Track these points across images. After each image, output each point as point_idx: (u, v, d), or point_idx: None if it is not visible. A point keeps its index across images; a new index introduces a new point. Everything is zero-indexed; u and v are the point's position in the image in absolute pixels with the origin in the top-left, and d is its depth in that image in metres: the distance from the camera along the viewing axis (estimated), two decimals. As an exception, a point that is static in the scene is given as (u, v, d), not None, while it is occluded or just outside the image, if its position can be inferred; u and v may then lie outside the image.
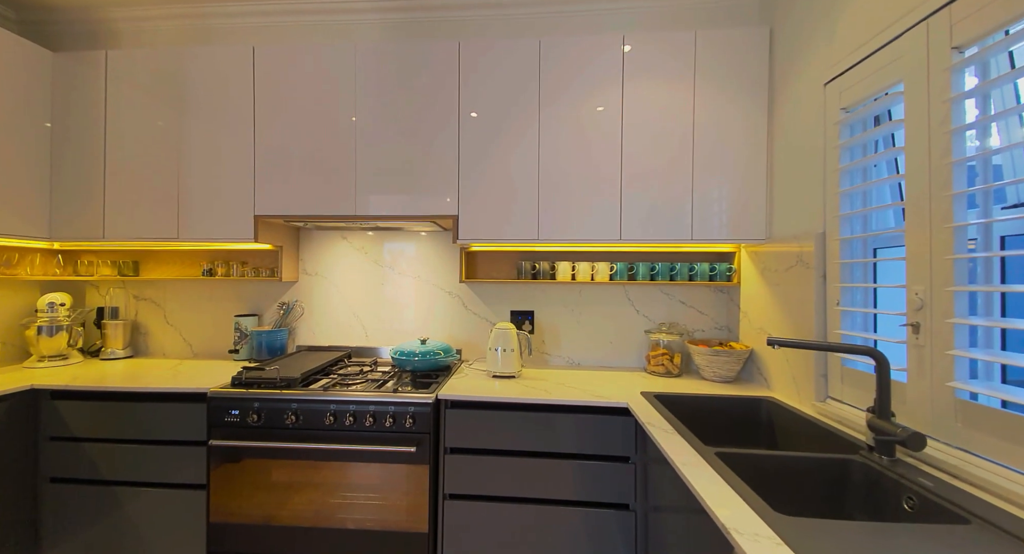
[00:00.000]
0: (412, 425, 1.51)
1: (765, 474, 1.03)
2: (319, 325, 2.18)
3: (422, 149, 1.79)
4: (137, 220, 1.87)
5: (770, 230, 1.70)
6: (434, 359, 1.82)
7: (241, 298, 2.17)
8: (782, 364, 1.58)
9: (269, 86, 1.83)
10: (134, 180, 1.87)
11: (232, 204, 1.83)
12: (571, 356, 2.10)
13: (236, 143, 1.83)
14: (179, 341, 2.19)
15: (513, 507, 1.53)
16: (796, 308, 1.49)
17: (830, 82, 1.36)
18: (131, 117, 1.87)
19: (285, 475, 1.54)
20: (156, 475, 1.62)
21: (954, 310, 0.95)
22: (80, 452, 1.65)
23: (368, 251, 2.17)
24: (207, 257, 2.14)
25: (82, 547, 1.66)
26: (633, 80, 1.74)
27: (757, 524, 0.73)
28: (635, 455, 1.50)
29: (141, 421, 1.62)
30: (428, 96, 1.79)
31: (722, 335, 2.02)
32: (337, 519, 1.53)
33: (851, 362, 1.28)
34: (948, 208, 0.97)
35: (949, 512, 0.80)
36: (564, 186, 1.77)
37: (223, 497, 1.56)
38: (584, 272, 1.97)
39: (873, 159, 1.21)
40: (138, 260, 2.17)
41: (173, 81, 1.86)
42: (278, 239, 2.00)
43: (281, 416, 1.54)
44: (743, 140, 1.70)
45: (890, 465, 0.97)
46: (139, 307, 2.20)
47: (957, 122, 0.96)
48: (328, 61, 1.81)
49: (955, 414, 0.95)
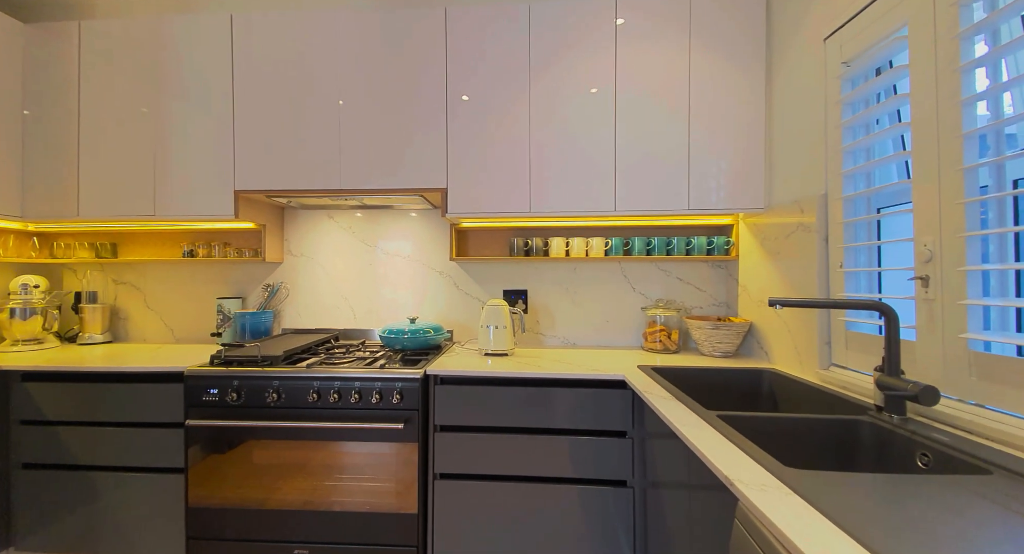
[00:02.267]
0: (400, 401, 1.45)
1: (770, 437, 0.97)
2: (306, 307, 2.11)
3: (409, 120, 1.73)
4: (113, 197, 1.80)
5: (769, 198, 1.65)
6: (424, 337, 1.76)
7: (224, 280, 2.10)
8: (783, 334, 1.52)
9: (248, 56, 1.76)
10: (109, 155, 1.80)
11: (211, 179, 1.76)
12: (566, 336, 2.04)
13: (214, 115, 1.76)
14: (160, 326, 2.11)
15: (506, 486, 1.47)
16: (798, 275, 1.44)
17: (830, 36, 1.31)
18: (106, 89, 1.80)
19: (267, 456, 1.48)
20: (133, 459, 1.55)
21: (966, 258, 0.90)
22: (53, 436, 1.57)
23: (356, 231, 2.11)
24: (188, 238, 2.07)
25: (56, 535, 1.58)
26: (626, 44, 1.68)
27: (763, 475, 0.68)
28: (632, 430, 1.45)
29: (117, 403, 1.55)
30: (414, 65, 1.73)
31: (720, 311, 1.97)
32: (323, 501, 1.47)
33: (855, 325, 1.23)
34: (958, 150, 0.91)
35: (968, 464, 0.75)
36: (556, 156, 1.71)
37: (202, 480, 1.49)
38: (578, 248, 1.92)
39: (876, 111, 1.16)
40: (116, 242, 2.09)
41: (149, 51, 1.78)
42: (261, 218, 1.93)
43: (262, 394, 1.47)
44: (740, 104, 1.65)
45: (901, 423, 0.91)
46: (118, 291, 2.12)
47: (966, 58, 0.91)
48: (310, 28, 1.74)
49: (969, 367, 0.90)
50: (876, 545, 0.49)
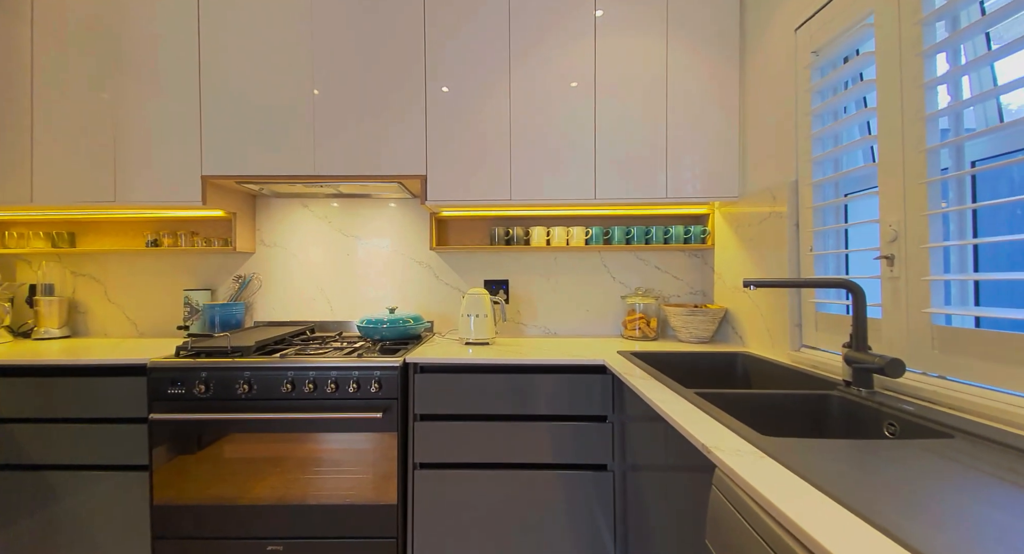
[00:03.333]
0: (378, 390, 1.42)
1: (744, 411, 0.99)
2: (279, 299, 2.04)
3: (388, 105, 1.69)
4: (70, 183, 1.70)
5: (743, 187, 1.68)
6: (404, 327, 1.73)
7: (191, 271, 2.01)
8: (756, 319, 1.56)
9: (217, 36, 1.69)
10: (66, 138, 1.70)
11: (176, 164, 1.69)
12: (547, 325, 2.04)
13: (179, 96, 1.68)
14: (122, 319, 2.01)
15: (487, 474, 1.45)
16: (771, 260, 1.47)
17: (800, 26, 1.34)
18: (61, 69, 1.70)
19: (239, 450, 1.42)
20: (93, 457, 1.47)
21: (929, 235, 0.93)
22: (6, 435, 1.48)
23: (332, 220, 2.05)
24: (152, 227, 1.97)
25: (12, 539, 1.49)
26: (606, 33, 1.69)
27: (739, 442, 0.68)
28: (612, 414, 1.45)
29: (75, 399, 1.47)
30: (393, 52, 1.69)
31: (697, 299, 2.01)
32: (298, 495, 1.42)
33: (824, 306, 1.26)
34: (921, 132, 0.95)
35: (931, 430, 0.78)
36: (537, 145, 1.71)
37: (168, 477, 1.42)
38: (559, 237, 1.92)
39: (843, 98, 1.19)
40: (75, 231, 1.98)
41: (109, 29, 1.69)
42: (231, 205, 1.86)
43: (232, 386, 1.41)
44: (715, 94, 1.68)
45: (869, 396, 0.94)
46: (77, 283, 2.01)
47: (928, 43, 0.94)
48: (284, 8, 1.69)
49: (931, 341, 0.93)
50: (845, 498, 0.50)
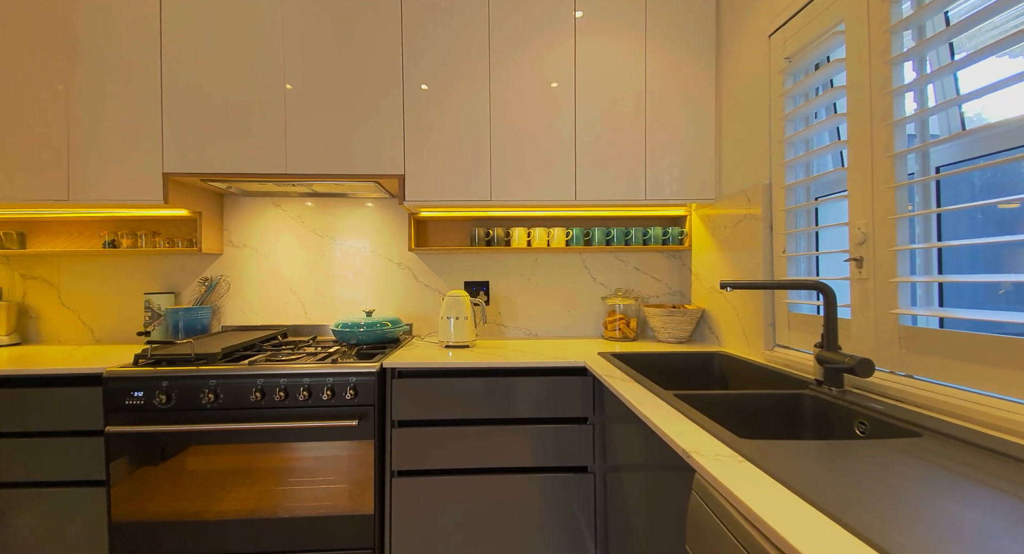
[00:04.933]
0: (354, 397, 1.37)
1: (721, 412, 1.00)
2: (249, 303, 1.96)
3: (364, 101, 1.64)
4: (19, 179, 1.58)
5: (719, 188, 1.71)
6: (381, 331, 1.68)
7: (153, 274, 1.91)
8: (732, 319, 1.58)
9: (179, 22, 1.60)
10: (14, 132, 1.58)
11: (135, 160, 1.59)
12: (528, 327, 2.03)
13: (139, 89, 1.59)
14: (78, 325, 1.89)
15: (467, 479, 1.43)
16: (746, 262, 1.50)
17: (774, 33, 1.37)
18: (10, 60, 1.58)
19: (205, 462, 1.35)
20: (45, 473, 1.37)
21: (896, 238, 0.96)
22: (-59, 454, 1.36)
23: (306, 221, 1.98)
24: (109, 226, 1.86)
25: (-53, 568, 1.38)
26: (585, 38, 1.68)
27: (718, 446, 0.68)
28: (593, 416, 1.45)
29: (25, 411, 1.37)
30: (370, 49, 1.64)
31: (675, 300, 2.03)
32: (270, 507, 1.36)
33: (797, 307, 1.29)
34: (889, 137, 0.98)
35: (900, 429, 0.80)
36: (517, 145, 1.69)
37: (128, 493, 1.34)
38: (540, 238, 1.91)
39: (815, 104, 1.22)
40: (24, 231, 1.85)
41: (62, 18, 1.58)
42: (196, 204, 1.77)
43: (196, 395, 1.34)
44: (693, 97, 1.70)
45: (839, 395, 0.97)
46: (27, 286, 1.88)
47: (896, 51, 0.97)
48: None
49: (899, 341, 0.96)
50: (821, 501, 0.50)
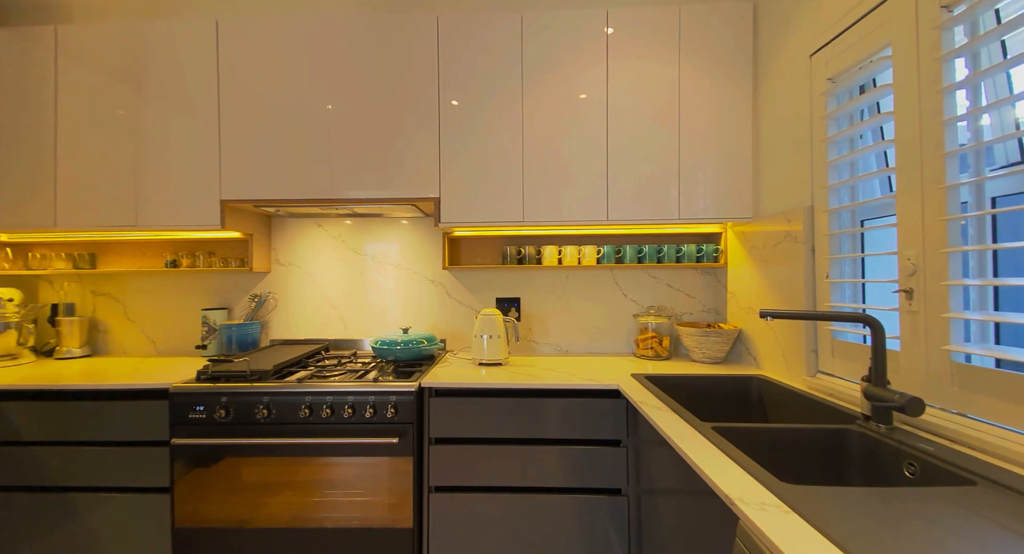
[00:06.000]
0: (394, 415, 1.44)
1: (762, 447, 0.99)
2: (294, 318, 2.07)
3: (402, 129, 1.71)
4: (92, 207, 1.74)
5: (757, 208, 1.68)
6: (417, 348, 1.74)
7: (209, 291, 2.05)
8: (771, 342, 1.56)
9: (235, 62, 1.72)
10: (88, 163, 1.74)
11: (196, 188, 1.72)
12: (559, 343, 2.05)
13: (199, 123, 1.72)
14: (141, 338, 2.05)
15: (502, 497, 1.46)
16: (785, 284, 1.47)
17: (816, 53, 1.34)
18: (84, 97, 1.74)
19: (258, 473, 1.45)
20: (115, 479, 1.50)
21: (948, 272, 0.93)
22: (30, 457, 1.51)
23: (346, 240, 2.08)
24: (170, 248, 2.01)
25: (33, 560, 1.52)
26: (617, 57, 1.70)
27: (762, 493, 0.69)
28: (626, 438, 1.46)
29: (97, 422, 1.50)
30: (405, 73, 1.71)
31: (710, 317, 2.00)
32: (316, 518, 1.44)
33: (841, 334, 1.26)
34: (940, 169, 0.95)
35: (953, 475, 0.78)
36: (549, 166, 1.72)
37: (189, 500, 1.45)
38: (571, 256, 1.93)
39: (860, 128, 1.19)
40: (95, 252, 2.02)
41: (130, 58, 1.73)
42: (248, 227, 1.89)
43: (252, 410, 1.44)
44: (728, 116, 1.68)
45: (888, 433, 0.94)
46: (97, 303, 2.05)
47: (948, 80, 0.94)
48: (299, 34, 1.72)
49: (951, 378, 0.93)
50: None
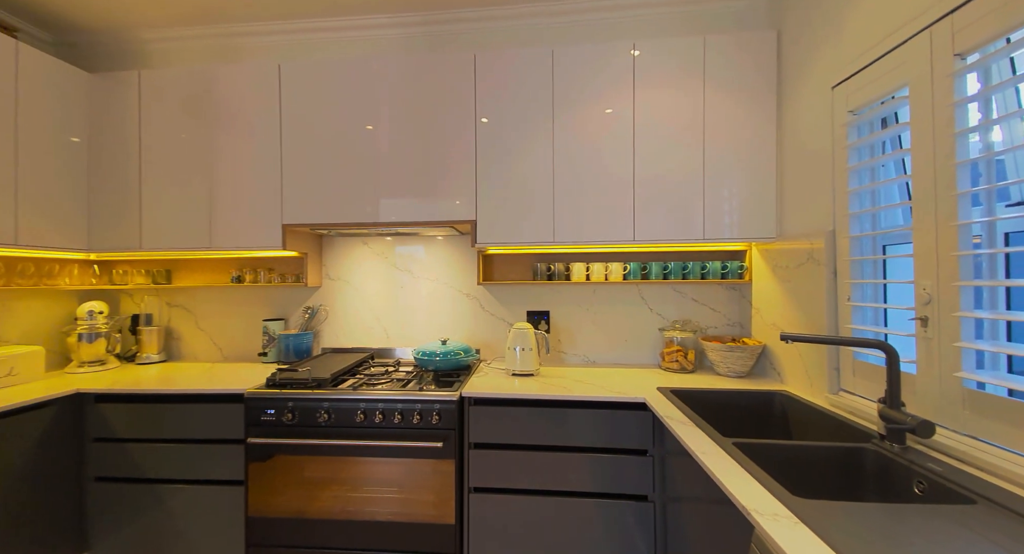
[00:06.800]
0: (438, 422, 1.59)
1: (781, 462, 1.08)
2: (342, 328, 2.26)
3: (441, 158, 1.87)
4: (172, 231, 1.97)
5: (780, 228, 1.75)
6: (455, 359, 1.89)
7: (268, 303, 2.26)
8: (795, 358, 1.62)
9: (294, 101, 1.91)
10: (169, 193, 1.97)
11: (261, 214, 1.92)
12: (587, 354, 2.16)
13: (264, 155, 1.92)
14: (210, 345, 2.28)
15: (535, 499, 1.59)
16: (808, 304, 1.54)
17: (838, 85, 1.41)
18: (164, 133, 1.97)
19: (319, 471, 1.62)
20: (196, 472, 1.71)
21: (960, 304, 1.00)
22: (123, 452, 1.74)
23: (387, 256, 2.25)
24: (236, 265, 2.23)
25: (127, 543, 1.75)
26: (643, 86, 1.79)
27: (775, 505, 0.79)
28: (652, 448, 1.56)
29: (181, 421, 1.71)
30: (445, 107, 1.86)
31: (735, 331, 2.07)
32: (368, 512, 1.61)
33: (862, 355, 1.33)
34: (953, 207, 1.01)
35: (957, 494, 0.85)
36: (578, 190, 1.83)
37: (260, 492, 1.64)
38: (598, 272, 2.03)
39: (881, 160, 1.26)
40: (170, 268, 2.27)
41: (203, 98, 1.95)
42: (303, 246, 2.08)
43: (314, 415, 1.62)
44: (753, 141, 1.75)
45: (901, 452, 1.02)
46: (171, 313, 2.30)
47: (960, 126, 1.00)
48: (350, 75, 1.89)
49: (963, 403, 1.00)
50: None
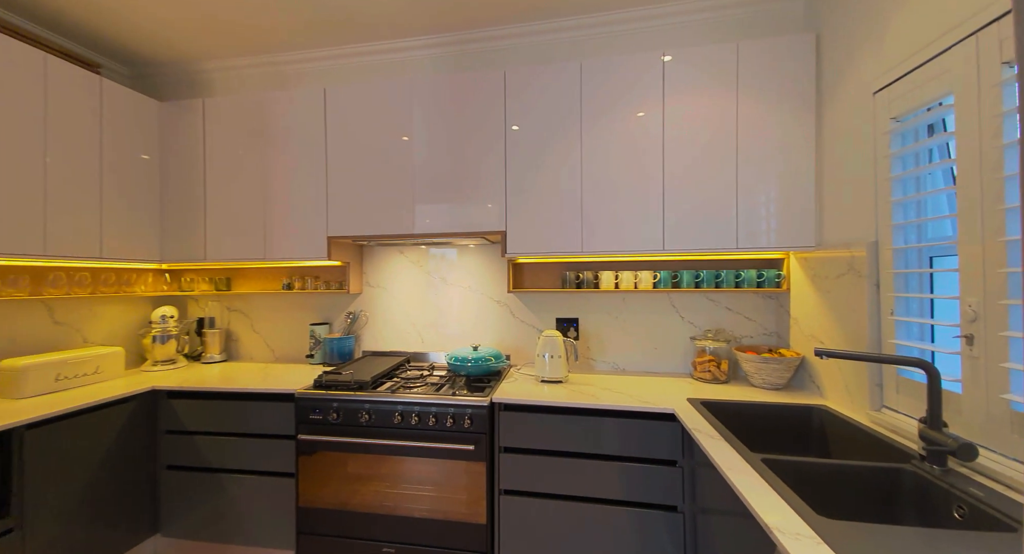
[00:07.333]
0: (470, 425, 1.66)
1: (812, 481, 1.07)
2: (380, 332, 2.39)
3: (472, 172, 1.94)
4: (232, 243, 2.16)
5: (820, 237, 1.70)
6: (486, 365, 1.96)
7: (314, 308, 2.43)
8: (835, 372, 1.57)
9: (338, 122, 2.05)
10: (229, 209, 2.17)
11: (309, 227, 2.08)
12: (616, 361, 2.17)
13: (311, 173, 2.08)
14: (263, 346, 2.48)
15: (564, 504, 1.63)
16: (848, 316, 1.49)
17: (879, 91, 1.36)
18: (224, 154, 2.17)
19: (360, 467, 1.74)
20: (253, 464, 1.87)
21: (1008, 323, 0.96)
22: (191, 443, 1.93)
23: (422, 264, 2.36)
24: (286, 273, 2.42)
25: (193, 524, 1.94)
26: (673, 94, 1.79)
27: (799, 524, 0.80)
28: (682, 459, 1.56)
29: (240, 417, 1.89)
30: (475, 123, 1.94)
31: (771, 341, 2.02)
32: (405, 508, 1.71)
33: (906, 372, 1.28)
34: (1001, 222, 0.97)
35: (998, 520, 0.82)
36: (607, 201, 1.85)
37: (309, 484, 1.78)
38: (627, 281, 2.04)
39: (927, 169, 1.21)
40: (230, 276, 2.49)
41: (258, 121, 2.13)
42: (346, 256, 2.23)
43: (356, 415, 1.74)
44: (790, 148, 1.71)
45: (941, 475, 0.99)
46: (231, 317, 2.52)
47: (1009, 137, 0.96)
48: (388, 96, 2.01)
49: (1010, 425, 0.95)
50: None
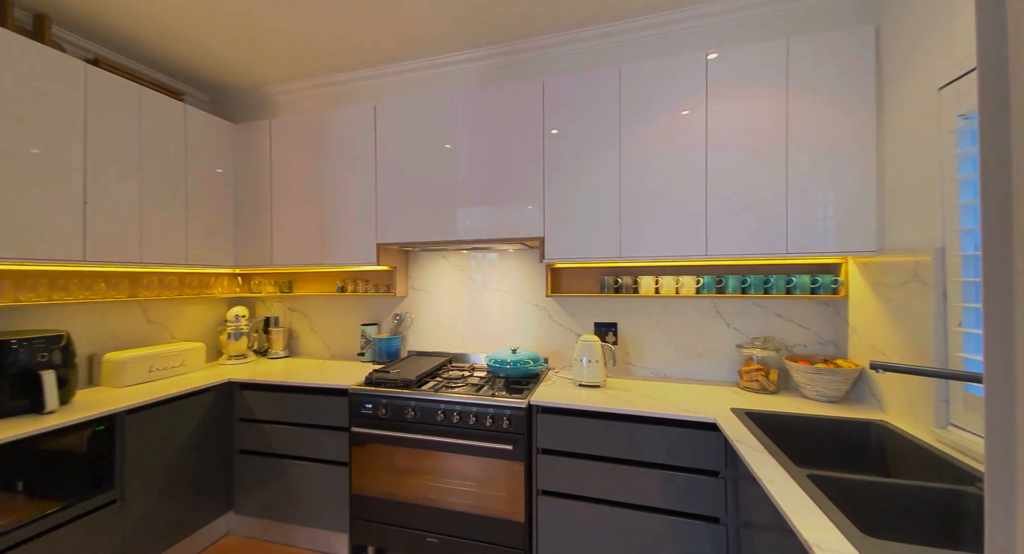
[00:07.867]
0: (508, 426, 1.72)
1: (862, 500, 1.02)
2: (424, 333, 2.51)
3: (511, 180, 2.00)
4: (294, 250, 2.37)
5: (881, 241, 1.59)
6: (524, 368, 2.01)
7: (365, 310, 2.60)
8: (897, 386, 1.47)
9: (387, 135, 2.19)
10: (292, 218, 2.38)
11: (361, 235, 2.23)
12: (656, 367, 2.14)
13: (362, 185, 2.23)
14: (320, 344, 2.69)
15: (602, 508, 1.64)
16: (913, 327, 1.39)
17: (945, 86, 1.26)
18: (288, 169, 2.38)
19: (406, 460, 1.85)
20: (312, 452, 2.04)
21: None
22: (260, 431, 2.14)
23: (464, 268, 2.45)
24: (340, 277, 2.61)
25: (261, 503, 2.15)
26: (716, 95, 1.75)
27: (841, 543, 0.77)
28: (725, 470, 1.52)
29: (302, 408, 2.06)
30: (517, 133, 2.00)
31: (827, 351, 1.90)
32: (448, 501, 1.79)
33: (974, 388, 1.18)
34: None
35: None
36: (645, 205, 1.84)
37: (361, 474, 1.91)
38: (668, 286, 2.00)
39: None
40: (292, 280, 2.72)
41: (316, 138, 2.32)
42: (393, 261, 2.37)
43: (403, 411, 1.85)
44: (848, 148, 1.62)
45: (1016, 504, 0.90)
46: (292, 317, 2.75)
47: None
48: (432, 109, 2.12)
49: (1103, 455, 0.86)
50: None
